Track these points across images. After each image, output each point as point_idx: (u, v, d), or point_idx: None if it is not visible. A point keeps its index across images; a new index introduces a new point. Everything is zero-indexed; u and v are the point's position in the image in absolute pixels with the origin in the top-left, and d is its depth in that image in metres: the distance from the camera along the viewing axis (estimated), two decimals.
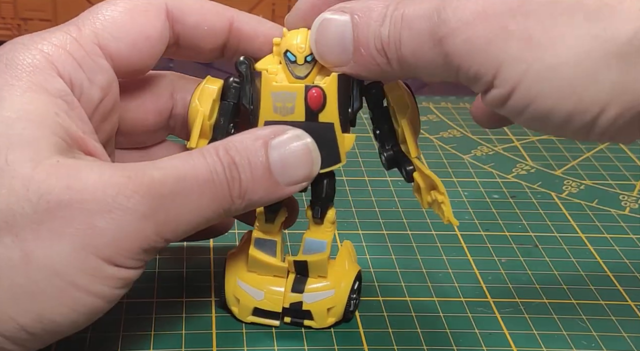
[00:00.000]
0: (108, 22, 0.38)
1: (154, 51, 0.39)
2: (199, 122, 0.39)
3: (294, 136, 0.37)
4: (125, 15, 0.38)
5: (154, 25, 0.38)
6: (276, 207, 0.40)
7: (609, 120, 0.32)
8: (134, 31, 0.38)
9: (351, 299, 0.41)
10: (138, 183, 0.33)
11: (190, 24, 0.39)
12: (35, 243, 0.32)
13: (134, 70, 0.39)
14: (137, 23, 0.38)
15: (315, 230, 0.41)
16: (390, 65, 0.36)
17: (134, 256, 0.34)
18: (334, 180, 0.40)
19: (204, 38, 0.40)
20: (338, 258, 0.42)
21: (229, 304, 0.42)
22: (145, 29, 0.38)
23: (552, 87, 0.32)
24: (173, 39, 0.40)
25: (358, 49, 0.36)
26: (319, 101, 0.37)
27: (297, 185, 0.37)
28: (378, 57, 0.36)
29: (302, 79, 0.38)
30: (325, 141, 0.38)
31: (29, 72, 0.35)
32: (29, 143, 0.33)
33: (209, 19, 0.40)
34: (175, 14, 0.39)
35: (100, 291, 0.34)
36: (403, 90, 0.39)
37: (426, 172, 0.39)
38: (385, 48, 0.35)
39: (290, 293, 0.41)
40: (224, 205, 0.35)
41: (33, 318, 0.33)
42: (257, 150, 0.36)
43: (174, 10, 0.39)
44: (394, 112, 0.39)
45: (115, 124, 0.40)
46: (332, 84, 0.37)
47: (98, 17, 0.38)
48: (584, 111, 0.32)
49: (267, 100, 0.38)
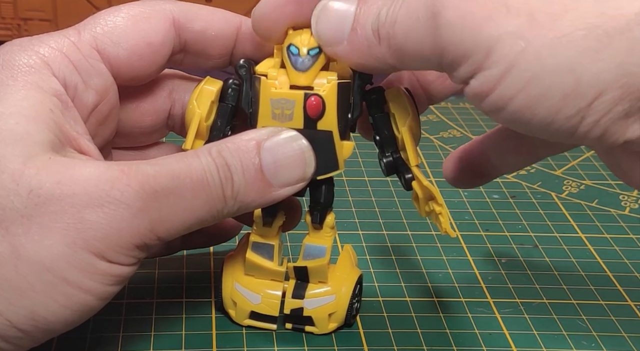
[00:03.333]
0: (109, 28, 0.38)
1: (157, 57, 0.39)
2: (195, 123, 0.39)
3: (287, 138, 0.36)
4: (127, 21, 0.38)
5: (156, 32, 0.38)
6: (273, 210, 0.40)
7: (605, 106, 0.31)
8: (135, 37, 0.38)
9: (352, 304, 0.41)
10: (132, 178, 0.33)
11: (196, 29, 0.39)
12: (25, 238, 0.32)
13: (135, 76, 0.39)
14: (139, 29, 0.38)
15: (315, 235, 0.40)
16: (379, 47, 0.35)
17: (127, 252, 0.34)
18: (332, 186, 0.40)
19: (211, 44, 0.40)
20: (339, 262, 0.42)
21: (226, 307, 0.41)
22: (147, 35, 0.38)
23: (550, 67, 0.31)
24: (180, 46, 0.39)
25: (355, 28, 0.35)
26: (318, 109, 0.37)
27: (290, 187, 0.37)
28: (370, 38, 0.35)
29: (303, 72, 0.37)
30: (324, 148, 0.38)
31: (24, 72, 0.35)
32: (21, 138, 0.33)
33: (216, 25, 0.39)
34: (182, 21, 0.39)
35: (92, 288, 0.33)
36: (404, 97, 0.39)
37: (424, 182, 0.38)
38: (380, 28, 0.34)
39: (291, 299, 0.40)
40: (217, 206, 0.35)
41: (23, 314, 0.33)
42: (249, 151, 0.36)
43: (180, 17, 0.39)
44: (394, 118, 0.39)
45: (114, 129, 0.40)
46: (332, 92, 0.37)
47: (100, 23, 0.38)
48: (581, 94, 0.31)
49: (265, 107, 0.38)
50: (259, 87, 0.38)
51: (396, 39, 0.34)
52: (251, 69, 0.38)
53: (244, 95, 0.38)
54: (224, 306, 0.42)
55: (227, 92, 0.39)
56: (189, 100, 0.39)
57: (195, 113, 0.39)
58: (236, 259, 0.41)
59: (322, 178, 0.38)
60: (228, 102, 0.39)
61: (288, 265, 0.41)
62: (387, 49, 0.35)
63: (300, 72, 0.37)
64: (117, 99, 0.39)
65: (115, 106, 0.39)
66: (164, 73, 0.41)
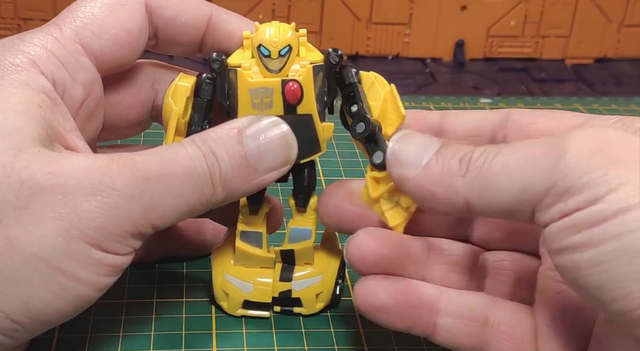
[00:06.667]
0: (88, 19, 0.38)
1: (136, 45, 0.39)
2: (173, 121, 0.39)
3: (269, 123, 0.37)
4: (104, 10, 0.38)
5: (134, 19, 0.38)
6: (259, 198, 0.40)
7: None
8: (115, 26, 0.38)
9: (337, 283, 0.42)
10: (123, 166, 0.33)
11: (167, 16, 0.39)
12: (18, 229, 0.32)
13: (117, 65, 0.39)
14: (117, 18, 0.38)
15: (299, 218, 0.41)
16: (461, 179, 0.33)
17: (122, 240, 0.34)
18: (314, 169, 0.40)
19: (182, 31, 0.40)
20: (322, 244, 0.43)
21: (217, 299, 0.42)
22: (126, 23, 0.38)
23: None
24: (152, 32, 0.40)
25: (439, 156, 0.34)
26: (297, 95, 0.38)
27: (275, 172, 0.37)
28: (453, 167, 0.33)
29: (276, 73, 0.38)
30: (305, 132, 0.38)
31: (11, 71, 0.35)
32: (11, 132, 0.33)
33: (187, 12, 0.40)
34: (153, 6, 0.39)
35: (87, 278, 0.33)
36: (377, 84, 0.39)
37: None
38: (472, 158, 0.33)
39: (279, 282, 0.41)
40: (206, 193, 0.35)
41: (18, 305, 0.33)
42: (232, 139, 0.36)
43: (152, 3, 0.39)
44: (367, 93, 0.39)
45: (100, 122, 0.40)
46: (308, 76, 0.38)
47: (78, 15, 0.38)
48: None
49: (244, 97, 0.38)
50: (236, 78, 0.38)
51: (490, 171, 0.32)
52: (224, 63, 0.39)
53: (220, 89, 0.39)
54: (215, 300, 0.42)
55: (201, 87, 0.39)
56: (164, 97, 0.39)
57: (172, 110, 0.39)
58: (224, 251, 0.42)
59: (305, 161, 0.39)
60: (203, 96, 0.39)
61: (274, 248, 0.41)
62: (471, 181, 0.32)
63: (273, 73, 0.38)
64: (102, 92, 0.39)
65: (101, 99, 0.39)
66: (144, 64, 0.42)
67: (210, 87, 0.39)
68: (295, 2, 0.77)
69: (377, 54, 0.81)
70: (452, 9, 0.79)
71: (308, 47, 0.39)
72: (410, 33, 0.80)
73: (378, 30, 0.79)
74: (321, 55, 0.39)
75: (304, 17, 0.77)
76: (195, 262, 0.46)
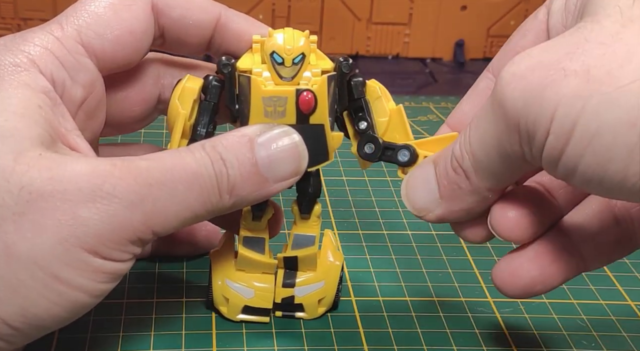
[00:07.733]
0: (91, 19, 0.37)
1: (139, 46, 0.38)
2: (180, 124, 0.38)
3: (280, 132, 0.36)
4: (108, 10, 0.38)
5: (138, 20, 0.38)
6: (262, 204, 0.40)
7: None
8: (118, 27, 0.37)
9: (339, 287, 0.42)
10: (125, 172, 0.33)
11: (175, 17, 0.39)
12: (16, 235, 0.32)
13: (119, 65, 0.39)
14: (121, 18, 0.38)
15: (303, 225, 0.41)
16: (467, 180, 0.36)
17: (121, 248, 0.33)
18: (319, 176, 0.40)
19: (189, 32, 0.40)
20: (322, 248, 0.42)
21: (216, 304, 0.42)
22: (129, 24, 0.38)
23: (610, 121, 0.30)
24: (159, 32, 0.39)
25: (442, 182, 0.37)
26: (311, 105, 0.37)
27: (284, 182, 0.37)
28: (456, 179, 0.36)
29: (288, 80, 0.38)
30: (316, 142, 0.38)
31: (10, 71, 0.35)
32: (11, 134, 0.33)
33: (195, 13, 0.39)
34: (160, 6, 0.39)
35: (84, 285, 0.33)
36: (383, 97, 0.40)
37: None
38: (458, 160, 0.35)
39: (281, 288, 0.41)
40: (212, 200, 0.35)
41: (15, 311, 0.32)
42: (243, 146, 0.35)
43: (159, 3, 0.39)
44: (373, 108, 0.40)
45: (102, 121, 0.40)
46: (323, 86, 0.38)
47: (81, 14, 0.37)
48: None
49: (257, 105, 0.38)
50: (248, 85, 0.38)
51: (476, 154, 0.35)
52: (234, 67, 0.38)
53: (229, 93, 0.38)
54: (213, 304, 0.42)
55: (208, 90, 0.39)
56: (170, 98, 0.39)
57: (179, 113, 0.38)
58: (223, 256, 0.41)
59: (312, 169, 0.39)
60: (210, 99, 0.39)
61: (277, 255, 0.41)
62: (474, 174, 0.35)
63: (285, 80, 0.38)
64: (103, 92, 0.39)
65: (102, 99, 0.39)
66: (148, 60, 0.41)
67: (217, 90, 0.39)
68: (295, 2, 0.77)
69: (377, 54, 0.80)
70: (452, 9, 0.79)
71: (318, 54, 0.39)
72: (410, 33, 0.80)
73: (378, 30, 0.79)
74: (331, 62, 0.39)
75: (304, 17, 0.77)
76: (195, 262, 0.46)
